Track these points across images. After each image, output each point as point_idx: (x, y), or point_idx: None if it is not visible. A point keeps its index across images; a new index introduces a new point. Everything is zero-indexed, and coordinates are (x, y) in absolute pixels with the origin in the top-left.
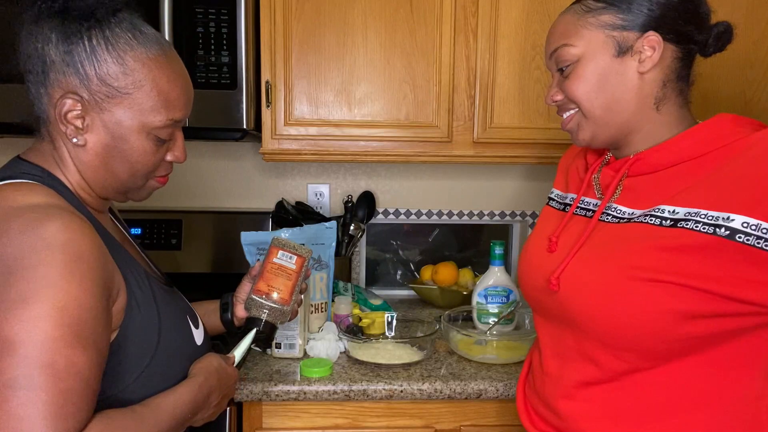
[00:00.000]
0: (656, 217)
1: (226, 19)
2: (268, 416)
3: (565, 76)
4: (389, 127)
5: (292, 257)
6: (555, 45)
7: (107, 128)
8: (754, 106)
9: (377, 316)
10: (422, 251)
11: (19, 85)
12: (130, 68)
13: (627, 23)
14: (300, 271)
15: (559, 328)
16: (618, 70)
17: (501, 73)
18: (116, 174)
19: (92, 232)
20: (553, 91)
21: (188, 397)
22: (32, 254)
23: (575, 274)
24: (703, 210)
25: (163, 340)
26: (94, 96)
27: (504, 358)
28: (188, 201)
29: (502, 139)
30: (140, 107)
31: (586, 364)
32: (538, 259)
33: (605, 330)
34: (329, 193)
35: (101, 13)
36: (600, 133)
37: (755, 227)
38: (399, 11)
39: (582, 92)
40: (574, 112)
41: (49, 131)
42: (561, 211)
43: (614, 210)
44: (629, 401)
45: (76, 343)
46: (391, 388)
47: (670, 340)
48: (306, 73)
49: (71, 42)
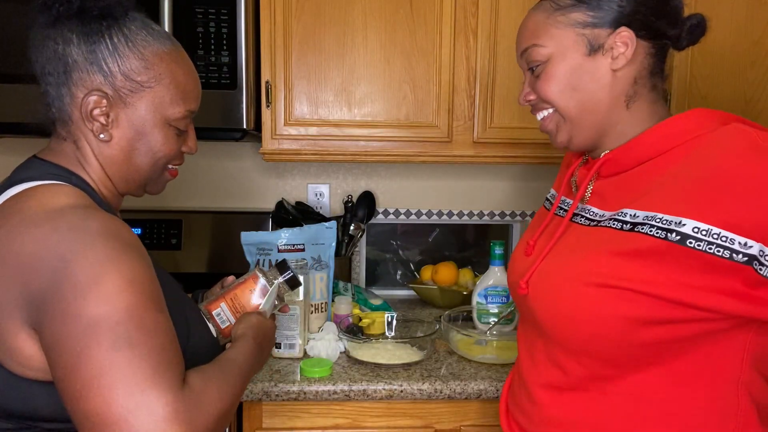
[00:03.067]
0: (618, 221)
1: (226, 19)
2: (268, 416)
3: (536, 76)
4: (389, 127)
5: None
6: (525, 45)
7: (131, 122)
8: (753, 106)
9: (377, 316)
10: (422, 251)
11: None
12: (150, 63)
13: (597, 20)
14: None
15: (531, 332)
16: (590, 68)
17: (501, 73)
18: (139, 166)
19: (128, 227)
20: (525, 91)
21: (248, 349)
22: (87, 243)
23: (541, 278)
24: (659, 214)
25: (192, 335)
26: (119, 92)
27: (504, 358)
28: (188, 201)
29: (502, 139)
30: (161, 100)
31: (553, 369)
32: (518, 262)
33: (565, 335)
34: (329, 193)
35: (118, 11)
36: (577, 134)
37: (705, 232)
38: (399, 11)
39: (554, 92)
40: (550, 113)
41: (71, 131)
42: (548, 212)
43: (587, 212)
44: (593, 410)
45: (154, 307)
46: (391, 388)
47: (625, 346)
48: (306, 73)
49: (93, 41)
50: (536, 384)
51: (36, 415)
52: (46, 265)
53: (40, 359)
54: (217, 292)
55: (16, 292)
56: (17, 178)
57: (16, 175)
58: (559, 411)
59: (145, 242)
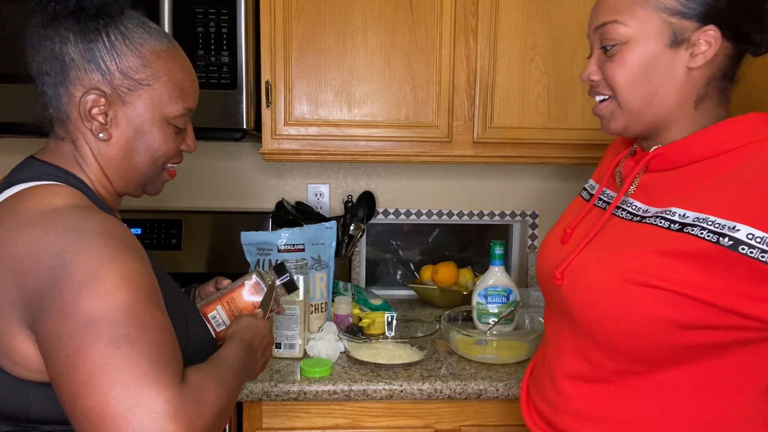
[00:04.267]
0: (666, 220)
1: (226, 19)
2: (268, 416)
3: (608, 56)
4: (389, 127)
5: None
6: (604, 19)
7: (130, 121)
8: (754, 105)
9: (377, 316)
10: (422, 251)
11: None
12: (148, 60)
13: (688, 11)
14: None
15: (560, 321)
16: (667, 61)
17: (501, 73)
18: (138, 165)
19: (126, 227)
20: (591, 69)
21: (238, 349)
22: (84, 242)
23: (578, 270)
24: (711, 216)
25: (191, 335)
26: (117, 90)
27: (504, 358)
28: (188, 201)
29: (502, 139)
30: (160, 98)
31: (580, 360)
32: (551, 249)
33: (599, 329)
34: (329, 193)
35: (114, 9)
36: (633, 125)
37: (760, 240)
38: (399, 11)
39: (624, 80)
40: (608, 99)
41: (69, 131)
42: (586, 202)
43: (629, 205)
44: (617, 404)
45: (152, 304)
46: (391, 388)
47: (661, 347)
48: (306, 73)
49: (90, 39)
50: (561, 373)
51: (35, 418)
52: (44, 265)
53: (37, 360)
54: (212, 293)
55: (13, 292)
56: (14, 178)
57: (13, 175)
58: (583, 403)
59: (145, 242)
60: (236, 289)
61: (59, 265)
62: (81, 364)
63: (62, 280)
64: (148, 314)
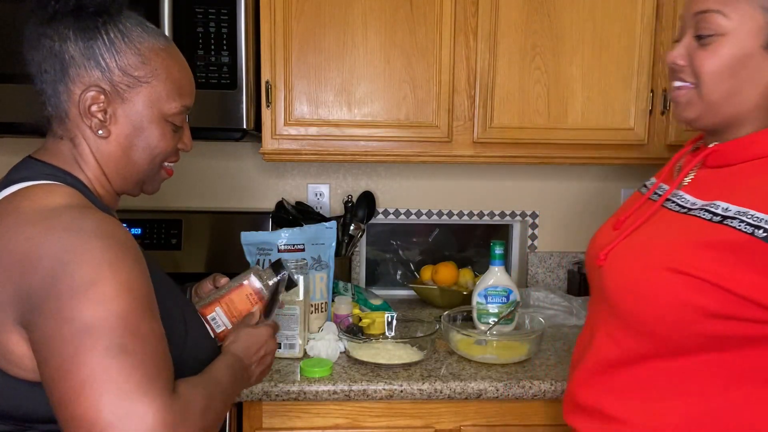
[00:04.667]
0: (709, 212)
1: (226, 19)
2: (268, 416)
3: (701, 44)
4: (389, 127)
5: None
6: (706, 6)
7: (129, 118)
8: None
9: (377, 316)
10: (422, 251)
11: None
12: (146, 58)
13: None
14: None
15: (598, 303)
16: (757, 63)
17: (501, 73)
18: (137, 163)
19: (124, 227)
20: (679, 52)
21: (229, 363)
22: (83, 243)
23: (620, 254)
24: (752, 210)
25: (189, 334)
26: (116, 87)
27: (504, 358)
28: (188, 201)
29: (502, 139)
30: (158, 95)
31: (608, 341)
32: (602, 234)
33: (629, 311)
34: (329, 193)
35: (113, 8)
36: (706, 117)
37: None
38: (399, 11)
39: (711, 71)
40: (688, 86)
41: (68, 129)
42: (642, 195)
43: (680, 198)
44: (641, 387)
45: (148, 314)
46: (391, 388)
47: (687, 334)
48: (306, 73)
49: (89, 37)
50: (593, 355)
51: (32, 417)
52: (42, 265)
53: (31, 360)
54: (211, 293)
55: (10, 291)
56: (12, 178)
57: (11, 175)
58: (610, 386)
59: (145, 242)
60: (235, 289)
61: (58, 266)
62: (75, 370)
63: (61, 283)
64: (143, 324)
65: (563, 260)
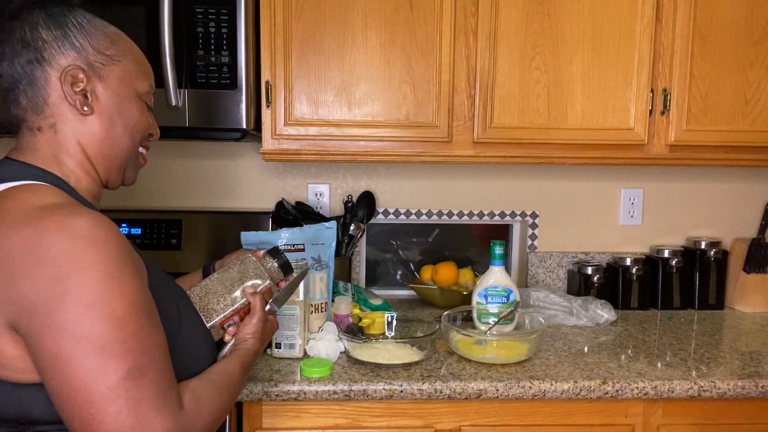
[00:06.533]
0: None
1: (226, 19)
2: (268, 416)
3: None
4: (389, 127)
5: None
6: None
7: (108, 95)
8: (753, 106)
9: (377, 316)
10: (422, 251)
11: None
12: (113, 39)
13: None
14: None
15: None
16: None
17: (501, 73)
18: (118, 143)
19: (116, 225)
20: None
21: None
22: (83, 253)
23: None
24: None
25: (183, 326)
26: (93, 66)
27: (504, 358)
28: (188, 201)
29: (502, 139)
30: (130, 74)
31: None
32: None
33: None
34: (329, 193)
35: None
36: None
37: None
38: (399, 11)
39: None
40: None
41: (47, 116)
42: None
43: None
44: None
45: (154, 326)
46: (391, 388)
47: None
48: (306, 73)
49: (59, 23)
50: None
51: (28, 418)
52: (40, 270)
53: (23, 361)
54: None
55: (1, 292)
56: None
57: None
58: None
59: (145, 242)
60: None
61: (61, 276)
62: (88, 393)
63: (66, 296)
64: (152, 340)
65: (563, 260)
